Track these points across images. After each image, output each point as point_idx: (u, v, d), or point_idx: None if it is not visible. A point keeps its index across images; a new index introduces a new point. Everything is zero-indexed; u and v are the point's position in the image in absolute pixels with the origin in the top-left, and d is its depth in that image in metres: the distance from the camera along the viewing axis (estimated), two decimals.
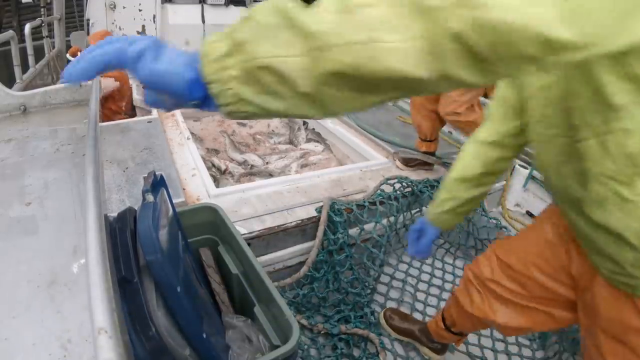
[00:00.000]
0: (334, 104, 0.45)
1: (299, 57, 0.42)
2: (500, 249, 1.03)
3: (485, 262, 1.05)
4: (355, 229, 1.58)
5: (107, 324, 0.36)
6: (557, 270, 0.89)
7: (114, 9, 2.95)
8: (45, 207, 0.88)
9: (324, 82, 0.43)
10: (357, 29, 0.40)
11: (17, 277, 0.69)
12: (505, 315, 0.99)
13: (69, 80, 0.47)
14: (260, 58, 0.42)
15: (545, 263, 0.91)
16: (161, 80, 0.46)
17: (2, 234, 0.79)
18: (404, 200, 1.71)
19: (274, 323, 0.85)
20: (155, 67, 0.46)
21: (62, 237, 0.79)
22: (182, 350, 0.66)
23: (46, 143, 1.14)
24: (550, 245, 0.91)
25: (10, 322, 0.61)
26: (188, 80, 0.45)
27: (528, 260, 0.94)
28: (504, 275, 0.99)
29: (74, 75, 0.47)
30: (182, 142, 1.95)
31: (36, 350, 0.58)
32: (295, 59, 0.42)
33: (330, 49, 0.40)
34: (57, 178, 0.98)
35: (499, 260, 1.01)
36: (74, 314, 0.64)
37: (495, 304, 1.01)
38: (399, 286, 1.67)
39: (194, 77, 0.45)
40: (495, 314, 1.01)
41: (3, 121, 1.32)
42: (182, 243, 0.85)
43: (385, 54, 0.39)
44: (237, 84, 0.44)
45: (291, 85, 0.43)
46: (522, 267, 0.95)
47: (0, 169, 1.02)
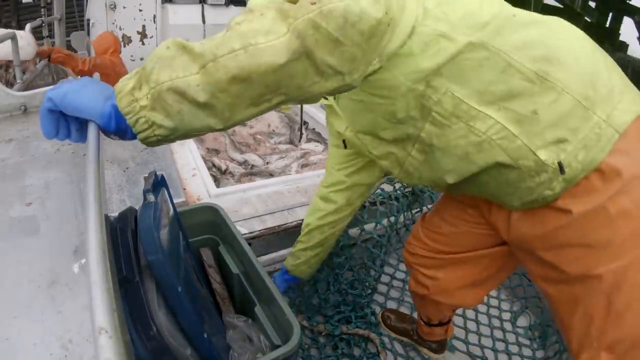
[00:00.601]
0: (230, 110, 0.55)
1: (195, 74, 0.52)
2: (425, 222, 1.08)
3: (414, 242, 1.10)
4: (356, 229, 1.58)
5: (107, 324, 0.36)
6: (479, 218, 0.93)
7: (114, 9, 2.95)
8: (46, 207, 0.88)
9: (219, 89, 0.52)
10: (237, 40, 0.51)
11: (18, 277, 0.69)
12: (447, 275, 1.04)
13: (53, 137, 0.58)
14: (164, 82, 0.52)
15: (469, 216, 0.95)
16: (83, 114, 0.55)
17: (3, 234, 0.79)
18: (404, 200, 1.71)
19: (275, 323, 0.85)
20: (76, 103, 0.54)
21: (63, 237, 0.79)
22: (183, 350, 0.66)
23: (47, 143, 1.14)
24: (469, 203, 0.95)
25: (11, 322, 0.61)
26: (104, 114, 0.54)
27: (454, 217, 0.99)
28: (435, 242, 1.04)
29: (50, 134, 0.57)
30: (182, 142, 1.95)
31: (37, 350, 0.58)
32: (192, 76, 0.51)
33: (217, 60, 0.51)
34: (57, 178, 0.98)
35: (427, 231, 1.06)
36: (75, 314, 0.64)
37: (438, 272, 1.05)
38: (399, 286, 1.67)
39: (109, 111, 0.54)
40: (440, 281, 1.05)
41: (3, 121, 1.32)
42: (183, 243, 0.85)
43: (261, 52, 0.50)
44: (147, 111, 0.53)
45: (192, 99, 0.52)
46: (450, 226, 1.00)
47: (0, 169, 1.02)
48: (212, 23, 3.22)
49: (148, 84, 0.53)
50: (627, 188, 0.66)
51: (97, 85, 0.57)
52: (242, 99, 0.54)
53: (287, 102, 0.58)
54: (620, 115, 0.65)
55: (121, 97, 0.54)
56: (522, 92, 0.64)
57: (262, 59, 0.50)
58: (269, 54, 0.50)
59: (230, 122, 0.57)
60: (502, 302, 1.65)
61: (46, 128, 0.57)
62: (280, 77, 0.52)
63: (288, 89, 0.55)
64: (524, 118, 0.65)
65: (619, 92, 0.66)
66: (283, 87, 0.54)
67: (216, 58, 0.51)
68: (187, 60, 0.52)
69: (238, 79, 0.51)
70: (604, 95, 0.65)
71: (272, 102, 0.56)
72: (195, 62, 0.52)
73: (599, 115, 0.65)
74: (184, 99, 0.52)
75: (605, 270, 0.70)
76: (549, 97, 0.64)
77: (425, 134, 0.72)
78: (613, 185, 0.66)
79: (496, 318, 1.58)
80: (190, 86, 0.51)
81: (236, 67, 0.51)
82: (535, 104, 0.64)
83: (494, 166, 0.70)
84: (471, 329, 1.51)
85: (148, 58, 0.54)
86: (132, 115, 0.54)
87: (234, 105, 0.54)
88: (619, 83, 0.68)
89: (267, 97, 0.55)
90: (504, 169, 0.70)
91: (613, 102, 0.66)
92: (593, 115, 0.64)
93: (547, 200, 0.71)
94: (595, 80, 0.65)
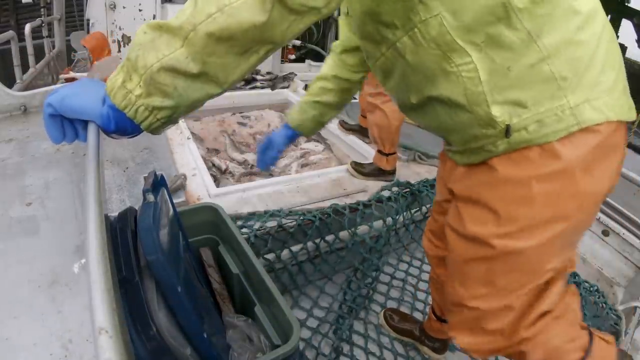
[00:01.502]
0: (224, 72, 0.56)
1: (180, 48, 0.52)
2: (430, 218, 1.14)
3: (424, 238, 1.17)
4: (357, 230, 1.58)
5: (107, 323, 0.36)
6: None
7: (114, 9, 2.95)
8: (46, 207, 0.88)
9: (208, 54, 0.53)
10: (210, 4, 0.51)
11: (18, 277, 0.69)
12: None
13: (60, 141, 0.58)
14: (152, 65, 0.53)
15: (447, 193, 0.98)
16: (82, 116, 0.56)
17: (3, 234, 0.79)
18: (403, 201, 1.71)
19: (275, 323, 0.85)
20: (74, 106, 0.55)
21: (63, 237, 0.80)
22: (183, 349, 0.66)
23: (47, 143, 1.14)
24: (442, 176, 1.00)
25: (12, 322, 0.61)
26: (102, 115, 0.55)
27: (438, 204, 1.05)
28: (439, 232, 1.07)
29: (57, 139, 0.58)
30: (182, 142, 1.95)
31: (37, 350, 0.58)
32: (177, 51, 0.52)
33: (197, 28, 0.52)
34: (57, 178, 0.99)
35: (432, 222, 1.12)
36: (75, 313, 0.64)
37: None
38: (399, 285, 1.67)
39: (106, 112, 0.55)
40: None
41: (3, 121, 1.32)
42: (182, 243, 0.85)
43: (238, 10, 0.51)
44: (144, 99, 0.54)
45: (184, 72, 0.53)
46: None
47: (0, 169, 1.02)
48: None
49: (137, 72, 0.54)
50: (559, 176, 0.67)
51: (94, 87, 0.58)
52: (231, 57, 0.55)
53: (275, 49, 0.59)
54: (590, 111, 0.64)
55: (114, 93, 0.55)
56: (508, 46, 0.63)
57: (241, 16, 0.51)
58: (246, 10, 0.51)
59: (227, 84, 0.58)
60: None
61: (52, 133, 0.58)
62: (262, 30, 0.53)
63: (272, 37, 0.55)
64: (497, 70, 0.65)
65: (603, 90, 0.66)
66: (267, 37, 0.55)
67: (195, 27, 0.52)
68: (168, 37, 0.53)
69: (222, 39, 0.52)
70: (585, 86, 0.65)
71: (260, 53, 0.57)
72: (177, 36, 0.52)
73: (569, 100, 0.64)
74: (177, 74, 0.53)
75: (500, 244, 0.72)
76: (529, 60, 0.63)
77: (401, 45, 0.72)
78: (548, 166, 0.66)
79: None
80: (179, 61, 0.53)
81: (218, 30, 0.51)
82: (513, 61, 0.64)
83: (451, 101, 0.71)
84: None
85: (129, 49, 0.55)
86: (129, 107, 0.55)
87: (225, 65, 0.55)
88: (609, 82, 0.66)
89: (254, 50, 0.56)
90: (459, 108, 0.70)
91: (590, 96, 0.65)
92: (563, 98, 0.64)
93: (487, 156, 0.72)
94: (584, 68, 0.64)
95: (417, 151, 2.10)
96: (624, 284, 1.76)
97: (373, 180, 1.82)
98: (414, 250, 1.85)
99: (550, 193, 0.68)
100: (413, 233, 1.85)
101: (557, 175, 0.67)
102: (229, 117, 2.74)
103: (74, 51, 3.46)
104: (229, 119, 2.72)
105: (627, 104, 0.69)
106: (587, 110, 0.64)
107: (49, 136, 0.58)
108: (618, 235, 1.78)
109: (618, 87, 0.68)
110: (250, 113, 2.82)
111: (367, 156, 2.17)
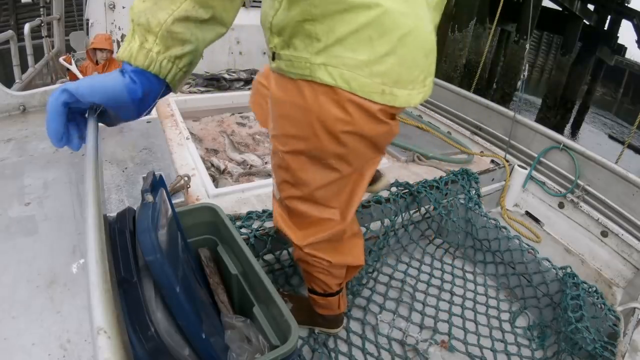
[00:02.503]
0: (225, 11, 0.63)
1: (185, 1, 0.58)
2: None
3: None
4: None
5: (106, 324, 0.36)
6: None
7: (114, 9, 2.94)
8: (45, 207, 0.87)
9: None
10: None
11: (17, 277, 0.69)
12: None
13: (63, 144, 0.58)
14: (165, 20, 0.58)
15: None
16: (105, 93, 0.58)
17: (2, 234, 0.79)
18: (402, 202, 1.71)
19: (273, 323, 0.85)
20: (94, 86, 0.57)
21: (62, 237, 0.79)
22: (182, 350, 0.66)
23: (45, 143, 1.14)
24: None
25: (10, 322, 0.61)
26: (127, 85, 0.58)
27: None
28: None
29: (58, 133, 0.57)
30: (181, 142, 1.94)
31: (35, 350, 0.58)
32: (184, 3, 0.58)
33: None
34: (56, 178, 0.98)
35: None
36: (73, 314, 0.64)
37: None
38: (398, 286, 1.67)
39: (129, 80, 0.58)
40: None
41: (2, 121, 1.32)
42: (181, 243, 0.85)
43: None
44: (164, 53, 0.59)
45: (195, 19, 0.59)
46: None
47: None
48: None
49: (152, 32, 0.58)
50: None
51: (103, 74, 0.61)
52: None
53: None
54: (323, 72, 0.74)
55: (135, 57, 0.59)
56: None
57: None
58: None
59: (229, 22, 0.66)
60: (501, 303, 1.66)
61: (55, 127, 0.56)
62: None
63: None
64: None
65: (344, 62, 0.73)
66: None
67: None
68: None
69: None
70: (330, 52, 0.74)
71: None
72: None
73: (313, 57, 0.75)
74: (189, 22, 0.59)
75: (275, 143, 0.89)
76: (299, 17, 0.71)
77: None
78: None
79: (495, 318, 1.58)
80: (188, 10, 0.58)
81: None
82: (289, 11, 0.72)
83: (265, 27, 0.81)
84: (470, 329, 1.51)
85: (131, 20, 0.59)
86: (153, 64, 0.59)
87: (225, 6, 0.62)
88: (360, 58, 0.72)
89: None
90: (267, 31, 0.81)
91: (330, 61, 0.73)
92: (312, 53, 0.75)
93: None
94: (335, 38, 0.72)
95: (416, 152, 2.10)
96: (623, 285, 1.76)
97: None
98: (413, 251, 1.86)
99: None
100: (412, 234, 1.85)
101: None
102: (228, 117, 2.74)
103: (73, 51, 3.45)
104: (228, 119, 2.72)
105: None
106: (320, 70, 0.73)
107: (50, 133, 0.57)
108: (617, 236, 1.78)
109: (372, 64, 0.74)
110: (250, 113, 2.82)
111: None
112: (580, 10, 9.74)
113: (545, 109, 11.04)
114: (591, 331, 1.32)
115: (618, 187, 1.79)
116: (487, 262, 1.80)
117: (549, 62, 18.76)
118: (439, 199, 1.80)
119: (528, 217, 2.17)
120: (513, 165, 2.17)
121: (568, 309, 1.39)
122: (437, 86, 2.77)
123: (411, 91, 0.75)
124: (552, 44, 18.73)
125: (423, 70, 0.76)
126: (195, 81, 2.83)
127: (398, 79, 0.73)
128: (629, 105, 17.01)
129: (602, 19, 10.58)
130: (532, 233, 2.03)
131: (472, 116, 2.49)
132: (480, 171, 2.03)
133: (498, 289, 1.72)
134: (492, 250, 1.77)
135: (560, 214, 2.03)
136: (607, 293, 1.72)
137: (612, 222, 1.81)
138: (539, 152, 2.10)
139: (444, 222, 1.83)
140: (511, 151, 2.24)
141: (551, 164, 2.06)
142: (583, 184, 1.91)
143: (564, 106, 10.75)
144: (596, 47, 10.52)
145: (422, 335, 1.46)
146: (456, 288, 1.70)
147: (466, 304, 1.62)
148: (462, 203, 1.88)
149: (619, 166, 1.80)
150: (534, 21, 8.93)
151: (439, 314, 1.55)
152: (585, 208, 1.91)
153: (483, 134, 2.42)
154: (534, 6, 8.35)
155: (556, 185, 2.04)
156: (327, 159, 0.84)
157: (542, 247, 1.92)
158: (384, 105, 0.75)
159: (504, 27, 11.16)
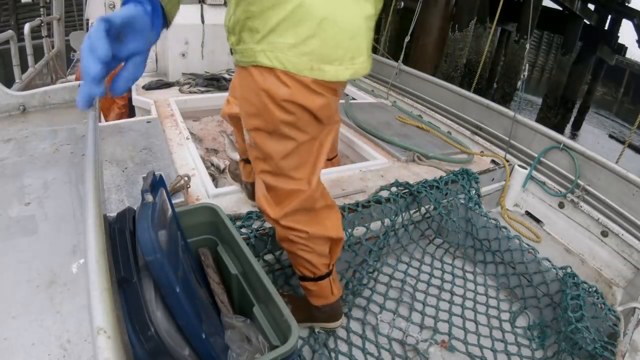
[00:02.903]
0: None
1: None
2: None
3: None
4: (354, 230, 1.58)
5: (106, 324, 0.36)
6: None
7: (114, 8, 2.95)
8: (45, 207, 0.88)
9: None
10: None
11: (17, 277, 0.69)
12: None
13: (104, 73, 0.56)
14: None
15: None
16: (128, 18, 0.60)
17: (2, 234, 0.79)
18: (402, 202, 1.71)
19: (273, 323, 0.85)
20: (120, 13, 0.59)
21: (62, 237, 0.79)
22: (181, 350, 0.66)
23: (45, 143, 1.14)
24: None
25: (10, 322, 0.61)
26: (134, 4, 0.61)
27: None
28: None
29: (105, 58, 0.55)
30: (181, 142, 1.95)
31: (35, 350, 0.58)
32: None
33: None
34: (56, 178, 0.98)
35: None
36: (73, 314, 0.64)
37: None
38: (398, 286, 1.67)
39: (150, 7, 0.62)
40: None
41: (2, 121, 1.32)
42: (181, 243, 0.85)
43: None
44: None
45: None
46: None
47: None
48: (211, 23, 3.21)
49: None
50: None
51: None
52: None
53: None
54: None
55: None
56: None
57: None
58: None
59: None
60: (501, 303, 1.66)
61: (102, 43, 0.54)
62: None
63: None
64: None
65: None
66: None
67: None
68: None
69: None
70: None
71: None
72: None
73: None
74: None
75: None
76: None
77: None
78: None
79: (495, 318, 1.58)
80: None
81: None
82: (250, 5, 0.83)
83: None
84: (470, 329, 1.51)
85: None
86: None
87: None
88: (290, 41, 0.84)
89: None
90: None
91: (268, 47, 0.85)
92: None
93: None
94: (270, 28, 0.84)
95: (416, 152, 2.10)
96: (623, 285, 1.76)
97: None
98: (413, 251, 1.86)
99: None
100: (412, 234, 1.85)
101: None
102: None
103: (73, 51, 3.46)
104: None
105: None
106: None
107: (95, 59, 0.53)
108: (617, 236, 1.78)
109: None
110: None
111: (366, 157, 2.17)
112: (580, 10, 9.74)
113: (545, 108, 11.03)
114: (591, 331, 1.32)
115: (618, 187, 1.79)
116: (487, 262, 1.80)
117: (549, 62, 18.77)
118: (439, 198, 1.80)
119: (528, 217, 2.17)
120: (513, 165, 2.17)
121: (568, 309, 1.39)
122: (437, 86, 2.76)
123: (338, 67, 0.87)
124: (553, 44, 18.74)
125: (349, 50, 0.87)
126: (195, 81, 2.84)
127: (323, 57, 0.85)
128: (629, 105, 17.02)
129: (603, 19, 10.59)
130: (532, 233, 2.03)
131: (472, 116, 2.49)
132: (480, 171, 2.03)
133: (498, 289, 1.72)
134: (492, 250, 1.77)
135: (561, 214, 2.03)
136: (607, 293, 1.72)
137: (612, 222, 1.81)
138: (539, 152, 2.10)
139: (444, 222, 1.83)
140: (511, 151, 2.24)
141: (551, 163, 2.06)
142: (583, 184, 1.91)
143: (564, 106, 10.74)
144: (597, 46, 10.52)
145: (422, 335, 1.46)
146: (456, 288, 1.70)
147: (466, 304, 1.62)
148: (462, 203, 1.88)
149: (619, 166, 1.80)
150: (534, 21, 8.93)
151: (439, 314, 1.55)
152: (586, 208, 1.91)
153: (483, 133, 2.42)
154: (534, 6, 8.33)
155: (556, 185, 2.04)
156: (280, 129, 0.94)
157: (542, 247, 1.92)
158: (315, 79, 0.87)
159: (504, 27, 11.16)
